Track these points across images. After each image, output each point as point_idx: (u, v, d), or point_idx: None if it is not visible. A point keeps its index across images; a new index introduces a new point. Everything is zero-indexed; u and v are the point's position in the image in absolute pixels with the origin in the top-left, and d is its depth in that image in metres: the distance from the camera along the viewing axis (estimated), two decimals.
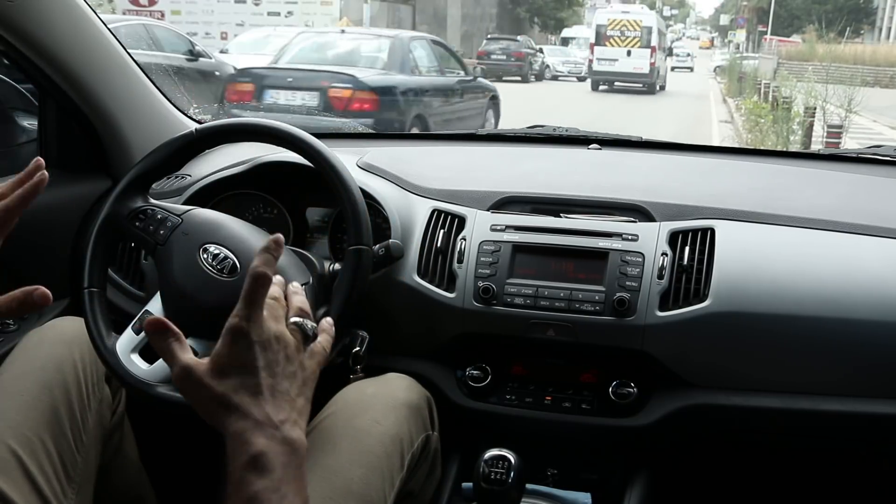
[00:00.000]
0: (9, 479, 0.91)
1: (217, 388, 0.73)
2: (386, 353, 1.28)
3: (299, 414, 0.75)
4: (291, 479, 0.71)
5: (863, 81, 12.31)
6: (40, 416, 0.99)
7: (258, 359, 0.73)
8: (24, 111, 1.87)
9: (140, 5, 17.25)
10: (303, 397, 0.77)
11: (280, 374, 0.75)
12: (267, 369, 0.74)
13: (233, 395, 0.72)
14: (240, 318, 0.74)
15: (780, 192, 1.41)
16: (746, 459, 1.39)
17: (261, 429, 0.71)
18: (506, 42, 23.26)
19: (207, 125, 1.19)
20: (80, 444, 1.02)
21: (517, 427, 1.29)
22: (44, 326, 1.13)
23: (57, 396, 1.02)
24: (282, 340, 0.76)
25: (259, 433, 0.71)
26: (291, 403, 0.74)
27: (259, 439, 0.70)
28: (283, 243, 0.78)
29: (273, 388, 0.73)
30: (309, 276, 1.18)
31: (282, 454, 0.71)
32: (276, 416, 0.72)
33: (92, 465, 1.05)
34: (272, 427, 0.71)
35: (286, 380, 0.75)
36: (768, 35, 35.65)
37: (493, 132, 1.83)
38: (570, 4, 40.07)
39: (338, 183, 1.13)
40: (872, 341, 1.17)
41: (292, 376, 0.76)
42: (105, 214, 1.15)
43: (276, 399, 0.73)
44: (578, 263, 1.26)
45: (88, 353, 1.08)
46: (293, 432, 0.73)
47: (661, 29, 20.87)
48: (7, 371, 1.05)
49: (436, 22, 26.47)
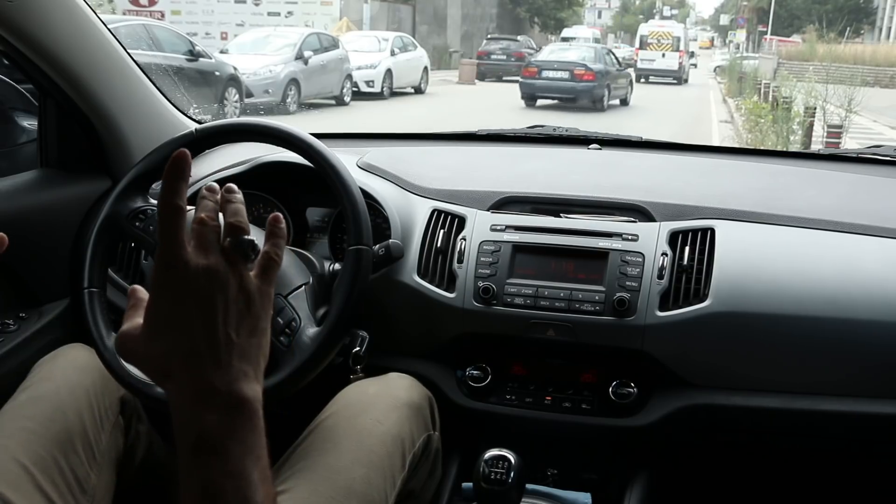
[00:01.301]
0: (21, 494, 0.92)
1: (150, 353, 0.62)
2: (386, 353, 1.28)
3: (251, 361, 0.63)
4: (248, 452, 0.61)
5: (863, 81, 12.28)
6: (53, 437, 0.99)
7: (188, 309, 0.61)
8: (24, 111, 1.87)
9: (140, 5, 17.26)
10: (255, 338, 0.64)
11: (219, 321, 0.62)
12: (201, 319, 0.61)
13: (166, 360, 0.62)
14: (160, 265, 0.62)
15: (780, 192, 1.41)
16: (746, 459, 1.38)
17: (203, 399, 0.60)
18: (506, 42, 23.23)
19: (207, 125, 1.19)
20: (93, 462, 1.02)
21: (517, 427, 1.29)
22: (56, 353, 1.13)
23: (70, 419, 1.02)
24: (215, 276, 0.62)
25: (201, 405, 0.60)
26: (240, 353, 0.63)
27: (202, 413, 0.60)
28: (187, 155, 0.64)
29: (213, 342, 0.61)
30: (309, 276, 1.18)
31: (231, 426, 0.60)
32: (220, 379, 0.61)
33: (107, 482, 1.04)
34: (216, 393, 0.60)
35: (228, 326, 0.62)
36: (768, 35, 35.65)
37: (493, 132, 1.82)
38: (570, 4, 40.06)
39: (338, 183, 1.13)
40: (872, 341, 1.17)
41: (238, 317, 0.63)
42: (105, 214, 1.15)
43: (217, 355, 0.61)
44: (578, 263, 1.26)
45: (101, 380, 1.07)
46: (245, 389, 0.62)
47: (685, 37, 28.42)
48: (21, 394, 1.05)
49: (436, 22, 26.47)
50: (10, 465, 0.93)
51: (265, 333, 0.66)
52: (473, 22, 30.11)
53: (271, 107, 10.69)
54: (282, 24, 16.74)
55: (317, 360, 1.07)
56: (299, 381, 1.07)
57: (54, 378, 1.07)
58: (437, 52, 23.57)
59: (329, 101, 12.87)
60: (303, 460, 1.00)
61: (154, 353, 0.63)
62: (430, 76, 16.81)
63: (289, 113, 11.12)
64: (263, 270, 0.66)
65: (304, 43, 12.21)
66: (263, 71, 11.11)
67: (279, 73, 11.30)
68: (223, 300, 0.63)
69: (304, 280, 1.16)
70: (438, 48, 24.40)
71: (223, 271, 0.63)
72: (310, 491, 0.95)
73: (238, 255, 0.65)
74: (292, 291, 1.13)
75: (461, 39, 27.79)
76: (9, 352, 1.26)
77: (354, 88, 13.54)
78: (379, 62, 14.45)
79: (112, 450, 1.06)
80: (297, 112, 11.47)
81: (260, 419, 0.63)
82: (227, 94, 9.49)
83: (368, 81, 14.05)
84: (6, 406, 1.04)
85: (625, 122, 12.73)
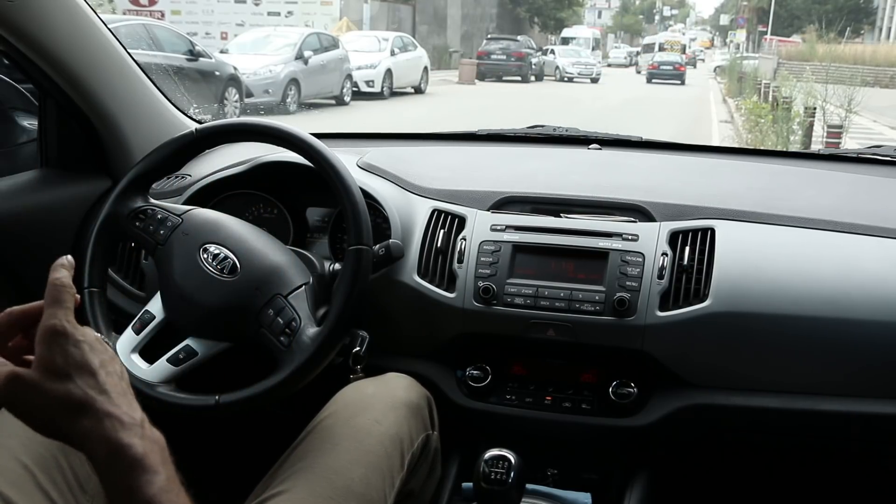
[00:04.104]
0: (22, 493, 0.92)
1: (59, 390, 0.66)
2: (386, 353, 1.28)
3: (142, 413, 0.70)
4: (173, 475, 0.67)
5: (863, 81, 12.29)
6: None
7: (90, 358, 0.68)
8: (24, 111, 1.87)
9: (140, 5, 17.25)
10: (132, 395, 0.71)
11: (113, 372, 0.69)
12: (102, 367, 0.68)
13: (82, 395, 0.66)
14: (57, 318, 0.68)
15: (780, 192, 1.41)
16: (746, 459, 1.39)
17: (129, 429, 0.66)
18: (506, 42, 23.22)
19: (207, 125, 1.19)
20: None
21: (517, 427, 1.29)
22: None
23: None
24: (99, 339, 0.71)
25: (130, 433, 0.65)
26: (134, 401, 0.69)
27: (134, 440, 0.65)
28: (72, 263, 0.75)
29: (116, 386, 0.68)
30: (309, 276, 1.18)
31: (158, 452, 0.67)
32: (135, 414, 0.67)
33: None
34: (138, 426, 0.67)
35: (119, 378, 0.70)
36: (768, 35, 35.66)
37: (493, 132, 1.82)
38: (570, 4, 40.08)
39: (338, 183, 1.13)
40: (872, 341, 1.17)
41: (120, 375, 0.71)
42: (105, 214, 1.15)
43: (125, 396, 0.68)
44: (578, 263, 1.26)
45: None
46: (153, 431, 0.69)
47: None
48: None
49: (436, 22, 26.46)
50: (11, 464, 0.93)
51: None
52: (473, 22, 30.10)
53: (271, 107, 10.69)
54: (282, 24, 16.74)
55: (317, 360, 1.07)
56: (299, 380, 1.07)
57: None
58: (437, 52, 23.58)
59: (329, 101, 12.87)
60: (301, 461, 1.00)
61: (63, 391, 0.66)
62: (430, 76, 16.81)
63: (289, 113, 11.12)
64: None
65: (304, 43, 12.21)
66: (263, 71, 11.11)
67: (279, 72, 11.30)
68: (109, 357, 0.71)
69: (304, 280, 1.16)
70: (438, 48, 24.41)
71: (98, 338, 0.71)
72: (308, 491, 0.95)
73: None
74: (292, 291, 1.13)
75: (461, 39, 27.79)
76: None
77: (354, 88, 13.54)
78: (379, 62, 14.46)
79: None
80: (297, 112, 11.47)
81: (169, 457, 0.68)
82: (227, 94, 9.49)
83: (368, 81, 14.05)
84: None
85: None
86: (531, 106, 14.84)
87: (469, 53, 25.00)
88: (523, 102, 15.48)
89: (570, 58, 26.72)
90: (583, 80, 25.08)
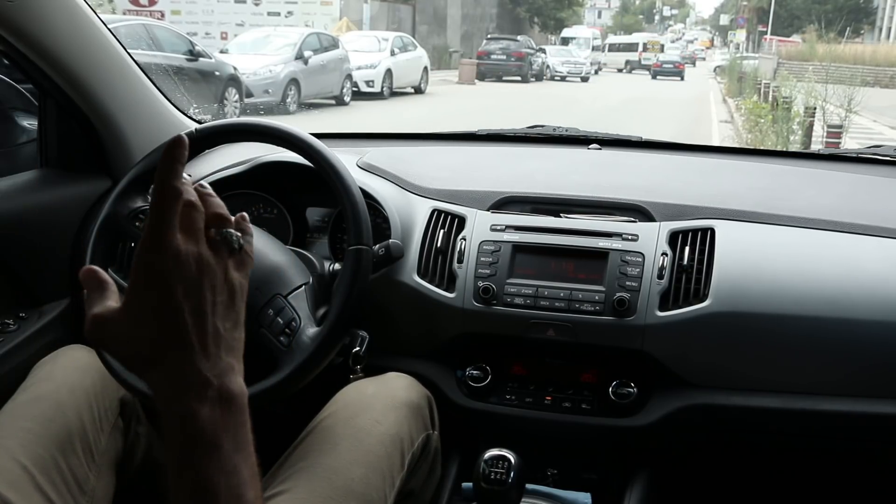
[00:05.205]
0: (20, 494, 0.92)
1: (133, 340, 0.59)
2: (386, 353, 1.28)
3: (235, 354, 0.62)
4: (239, 448, 0.59)
5: (863, 81, 12.29)
6: (53, 437, 0.99)
7: (178, 296, 0.59)
8: (24, 111, 1.87)
9: (140, 5, 17.25)
10: (237, 332, 0.63)
11: (207, 310, 0.60)
12: (190, 308, 0.59)
13: (150, 348, 0.59)
14: (149, 247, 0.59)
15: (780, 192, 1.41)
16: (746, 459, 1.38)
17: (194, 392, 0.58)
18: (506, 42, 23.23)
19: (207, 125, 1.19)
20: (93, 463, 1.01)
21: (517, 427, 1.29)
22: (56, 354, 1.13)
23: (70, 418, 1.01)
24: (204, 264, 0.61)
25: (193, 398, 0.58)
26: (227, 344, 0.61)
27: (195, 407, 0.58)
28: (185, 143, 0.64)
29: (201, 332, 0.59)
30: (309, 276, 1.18)
31: (223, 419, 0.59)
32: (211, 370, 0.59)
33: (106, 483, 1.04)
34: (206, 386, 0.59)
35: (216, 315, 0.61)
36: (768, 35, 35.69)
37: (493, 132, 1.82)
38: (570, 4, 40.10)
39: (338, 183, 1.13)
40: (872, 341, 1.17)
41: (224, 309, 0.62)
42: (105, 214, 1.15)
43: (206, 345, 0.60)
44: (578, 263, 1.26)
45: (100, 381, 1.07)
46: (232, 383, 0.60)
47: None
48: (21, 394, 1.05)
49: (436, 22, 26.46)
50: (10, 464, 0.93)
51: (241, 327, 0.64)
52: (473, 22, 30.11)
53: (271, 107, 10.69)
54: (282, 24, 16.74)
55: (317, 360, 1.07)
56: (299, 380, 1.07)
57: (54, 378, 1.07)
58: (437, 52, 23.58)
59: (329, 101, 12.87)
60: (301, 461, 1.00)
61: (137, 339, 0.60)
62: (430, 76, 16.82)
63: (289, 113, 11.12)
64: (240, 265, 0.65)
65: (304, 43, 12.21)
66: (263, 71, 11.10)
67: (279, 72, 11.30)
68: (211, 290, 0.61)
69: (304, 280, 1.16)
70: (438, 48, 24.41)
71: (211, 261, 0.61)
72: (308, 491, 0.95)
73: (224, 247, 0.63)
74: (292, 291, 1.13)
75: (461, 39, 27.79)
76: (9, 352, 1.26)
77: (354, 88, 13.54)
78: (379, 62, 14.45)
79: (111, 451, 1.06)
80: (297, 112, 11.47)
81: (248, 416, 0.61)
82: (227, 94, 9.49)
83: (368, 81, 14.05)
84: (6, 406, 1.04)
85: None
86: (531, 106, 14.85)
87: (469, 53, 25.00)
88: (523, 102, 15.49)
89: (560, 57, 26.83)
90: (573, 79, 25.20)
